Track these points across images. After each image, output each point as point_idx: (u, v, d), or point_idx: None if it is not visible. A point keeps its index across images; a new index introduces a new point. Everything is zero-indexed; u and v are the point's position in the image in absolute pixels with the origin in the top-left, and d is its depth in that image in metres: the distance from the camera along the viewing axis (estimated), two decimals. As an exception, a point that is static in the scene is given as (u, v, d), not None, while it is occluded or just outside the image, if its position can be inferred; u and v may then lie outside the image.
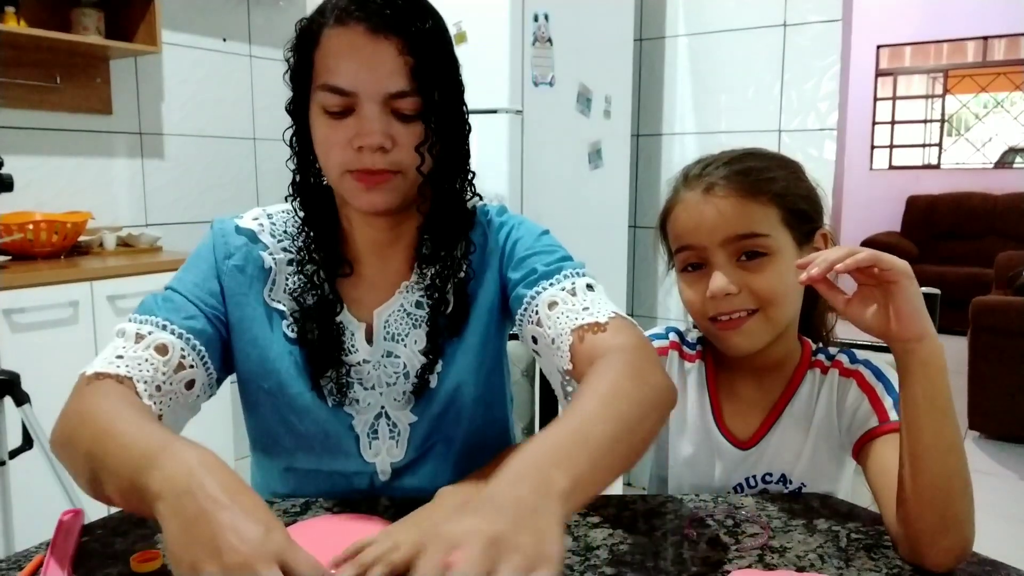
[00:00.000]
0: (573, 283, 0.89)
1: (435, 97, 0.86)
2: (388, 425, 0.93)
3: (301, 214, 0.95)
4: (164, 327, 0.85)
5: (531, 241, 0.96)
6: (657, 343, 1.01)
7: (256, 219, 0.97)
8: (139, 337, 0.84)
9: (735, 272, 0.88)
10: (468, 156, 0.94)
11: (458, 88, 0.91)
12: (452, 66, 0.90)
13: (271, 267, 0.94)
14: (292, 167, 0.94)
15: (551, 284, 0.89)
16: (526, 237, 0.96)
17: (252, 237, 0.95)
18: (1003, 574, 0.71)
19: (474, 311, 0.95)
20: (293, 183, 0.94)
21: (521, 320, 0.91)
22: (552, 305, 0.87)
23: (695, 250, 0.91)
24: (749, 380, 0.96)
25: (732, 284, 0.87)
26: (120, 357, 0.82)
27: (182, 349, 0.85)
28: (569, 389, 0.86)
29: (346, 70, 0.83)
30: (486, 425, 0.98)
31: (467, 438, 0.95)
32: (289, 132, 0.93)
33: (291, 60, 0.89)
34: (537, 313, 0.88)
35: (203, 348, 0.88)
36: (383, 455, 0.92)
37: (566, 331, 0.85)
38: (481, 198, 0.99)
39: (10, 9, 2.25)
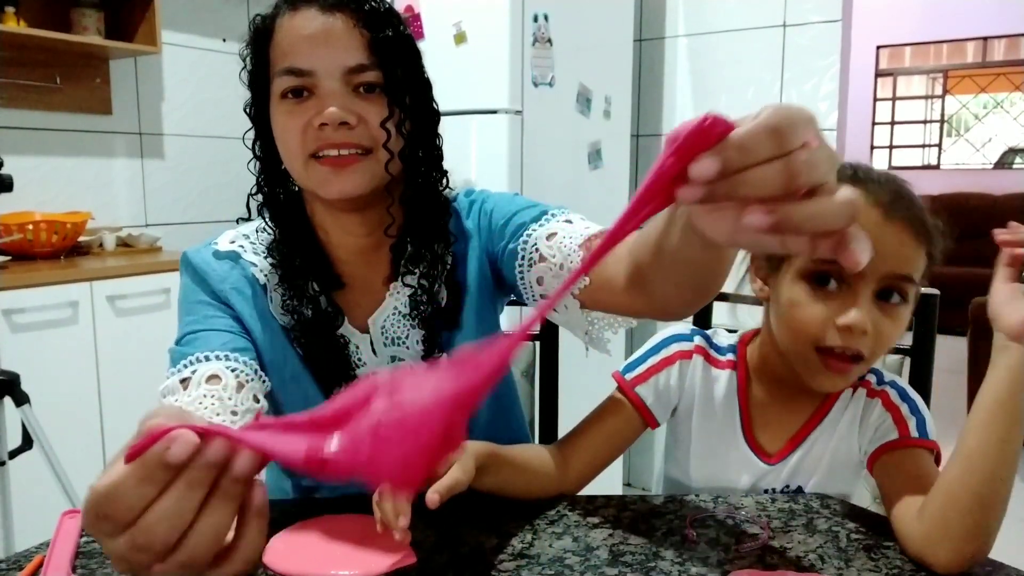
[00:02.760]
0: (568, 217, 0.87)
1: (397, 72, 0.84)
2: None
3: (274, 229, 0.91)
4: (205, 359, 0.81)
5: (506, 206, 0.93)
6: (678, 345, 0.96)
7: (233, 241, 0.93)
8: (185, 382, 0.79)
9: (872, 310, 0.81)
10: (440, 150, 0.92)
11: (421, 73, 0.89)
12: (411, 48, 0.87)
13: (265, 283, 0.91)
14: (255, 171, 0.91)
15: (541, 224, 0.87)
16: (500, 204, 0.94)
17: (236, 258, 0.91)
18: (1003, 574, 0.71)
19: (466, 298, 0.93)
20: (264, 197, 0.91)
21: (521, 270, 0.88)
22: (551, 236, 0.85)
23: (844, 270, 0.78)
24: (786, 396, 0.93)
25: (870, 323, 0.80)
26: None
27: (232, 369, 0.81)
28: (589, 327, 0.85)
29: (302, 50, 0.81)
30: (495, 413, 0.97)
31: (479, 431, 0.94)
32: (251, 135, 0.90)
33: (247, 60, 0.87)
34: (537, 250, 0.85)
35: (252, 361, 0.84)
36: None
37: (573, 249, 0.82)
38: (452, 189, 0.98)
39: (10, 9, 2.26)
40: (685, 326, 0.99)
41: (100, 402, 2.22)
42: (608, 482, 2.56)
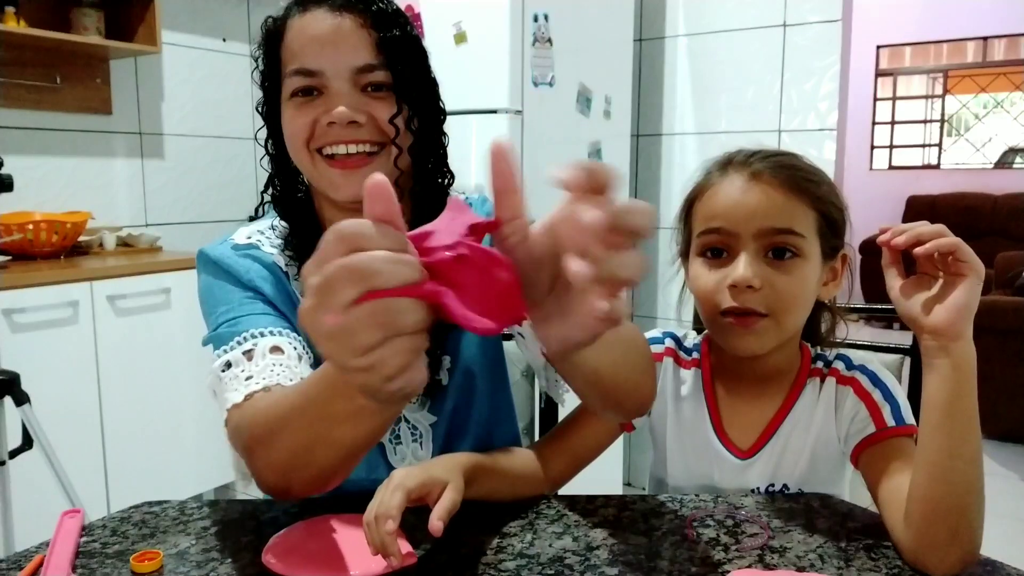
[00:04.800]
0: None
1: (404, 72, 0.85)
2: (409, 428, 0.93)
3: (285, 224, 0.92)
4: (261, 335, 0.81)
5: None
6: (652, 348, 0.98)
7: (250, 237, 0.94)
8: (248, 354, 0.79)
9: (761, 266, 0.84)
10: (445, 148, 0.93)
11: (428, 72, 0.90)
12: (418, 48, 0.88)
13: (286, 270, 0.91)
14: (268, 170, 0.93)
15: None
16: None
17: (255, 250, 0.92)
18: (1003, 574, 0.71)
19: None
20: (273, 196, 0.93)
21: None
22: None
23: (724, 235, 0.86)
24: (749, 388, 0.94)
25: (756, 277, 0.83)
26: (250, 377, 0.77)
27: (290, 343, 0.82)
28: (547, 374, 0.86)
29: (311, 51, 0.83)
30: (494, 412, 0.98)
31: (480, 428, 0.96)
32: (263, 134, 0.92)
33: (259, 60, 0.89)
34: None
35: (301, 337, 0.84)
36: (409, 458, 0.93)
37: None
38: (463, 193, 0.99)
39: (10, 9, 2.26)
40: (658, 330, 1.02)
41: (100, 402, 2.22)
42: (608, 482, 2.56)
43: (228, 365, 0.79)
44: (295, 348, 0.82)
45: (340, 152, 0.84)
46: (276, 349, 0.80)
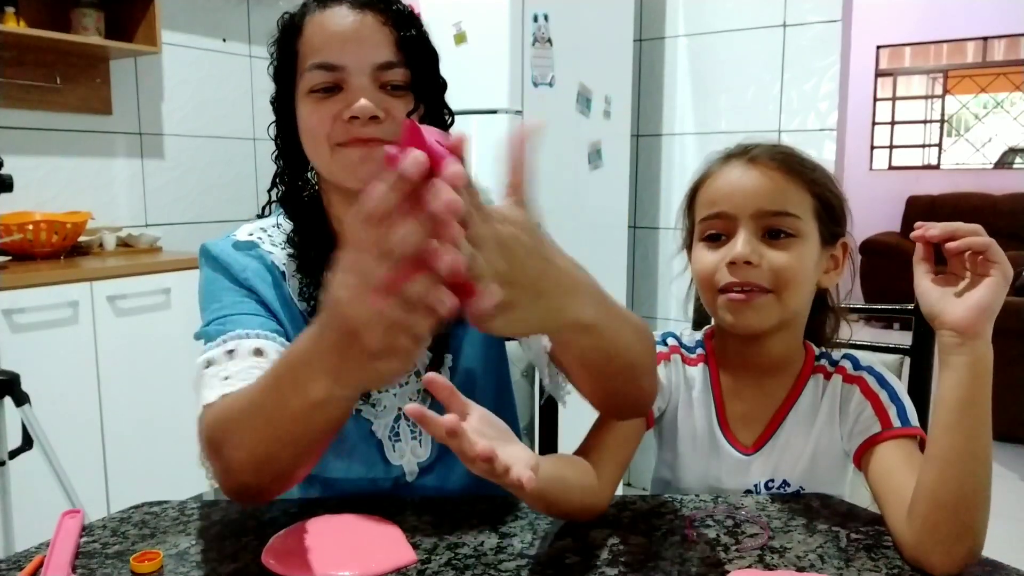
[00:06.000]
0: None
1: (421, 71, 0.86)
2: (408, 426, 0.93)
3: (289, 224, 0.93)
4: (247, 336, 0.82)
5: None
6: (657, 348, 0.98)
7: (251, 234, 0.94)
8: (231, 353, 0.80)
9: (759, 245, 0.87)
10: None
11: (439, 75, 0.91)
12: (432, 49, 0.90)
13: (283, 270, 0.92)
14: (278, 165, 0.93)
15: None
16: None
17: (254, 247, 0.92)
18: (1003, 574, 0.71)
19: None
20: (280, 192, 0.94)
21: None
22: None
23: (724, 219, 0.89)
24: (752, 383, 0.95)
25: (754, 253, 0.86)
26: (227, 378, 0.77)
27: (274, 346, 0.82)
28: (549, 372, 0.86)
29: (332, 46, 0.84)
30: (496, 412, 0.97)
31: None
32: (274, 130, 0.93)
33: (275, 54, 0.89)
34: None
35: (286, 342, 0.85)
36: (408, 456, 0.92)
37: (540, 350, 0.85)
38: None
39: (10, 9, 2.26)
40: (657, 332, 1.01)
41: (100, 402, 2.22)
42: (608, 482, 2.56)
43: (210, 363, 0.80)
44: (278, 352, 0.82)
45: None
46: (258, 352, 0.80)
